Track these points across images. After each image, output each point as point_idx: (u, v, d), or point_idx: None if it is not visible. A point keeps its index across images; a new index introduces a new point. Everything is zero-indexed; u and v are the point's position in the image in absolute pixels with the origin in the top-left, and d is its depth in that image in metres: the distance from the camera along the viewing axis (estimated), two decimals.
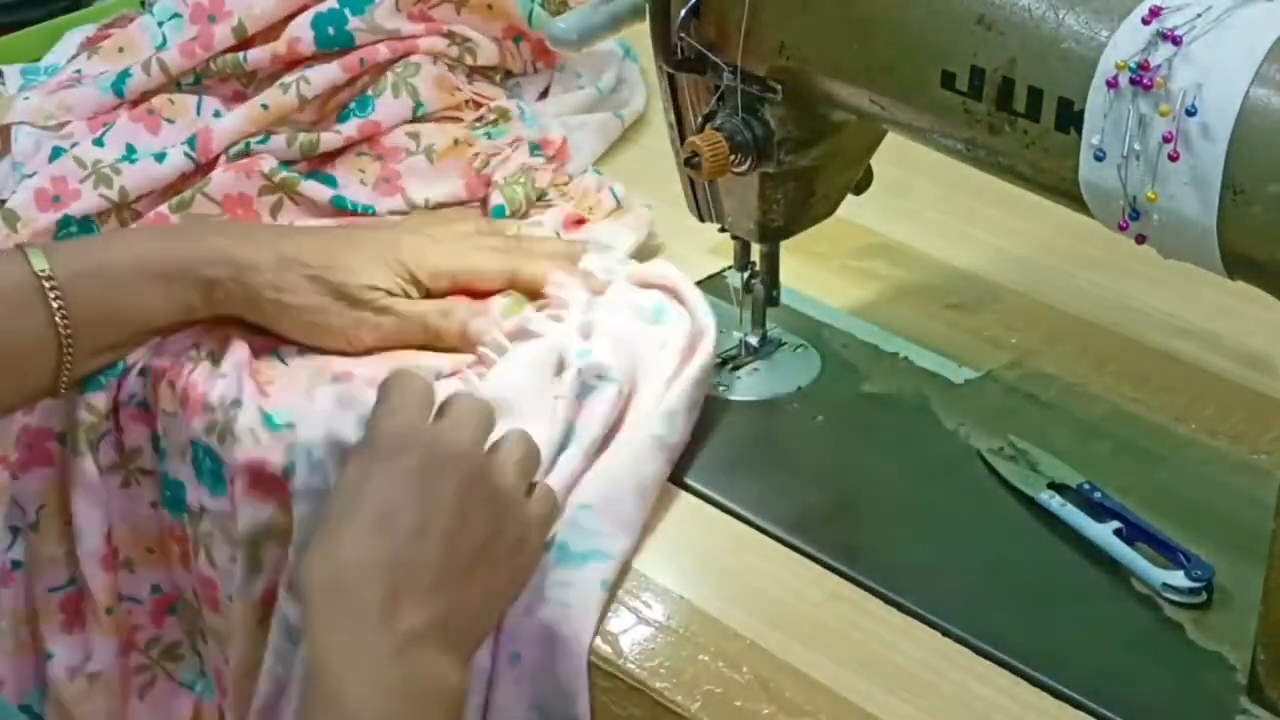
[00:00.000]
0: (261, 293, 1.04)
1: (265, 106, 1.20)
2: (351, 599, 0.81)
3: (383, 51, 1.22)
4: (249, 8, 1.23)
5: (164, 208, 1.16)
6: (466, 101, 1.24)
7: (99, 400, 1.06)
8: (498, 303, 1.08)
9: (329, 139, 1.20)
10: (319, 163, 1.21)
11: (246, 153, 1.18)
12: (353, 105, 1.22)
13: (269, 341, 1.07)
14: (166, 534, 1.10)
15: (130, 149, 1.18)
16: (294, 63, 1.22)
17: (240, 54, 1.22)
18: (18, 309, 1.01)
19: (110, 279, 1.03)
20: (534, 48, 1.29)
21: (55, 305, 1.01)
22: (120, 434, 1.08)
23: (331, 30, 1.22)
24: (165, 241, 1.06)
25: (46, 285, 1.01)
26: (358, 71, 1.22)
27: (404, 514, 0.83)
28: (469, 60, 1.25)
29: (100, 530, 1.09)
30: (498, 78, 1.28)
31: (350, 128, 1.20)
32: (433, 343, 1.06)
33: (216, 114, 1.21)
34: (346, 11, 1.22)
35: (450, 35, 1.25)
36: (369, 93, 1.22)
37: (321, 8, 1.22)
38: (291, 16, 1.23)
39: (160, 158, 1.17)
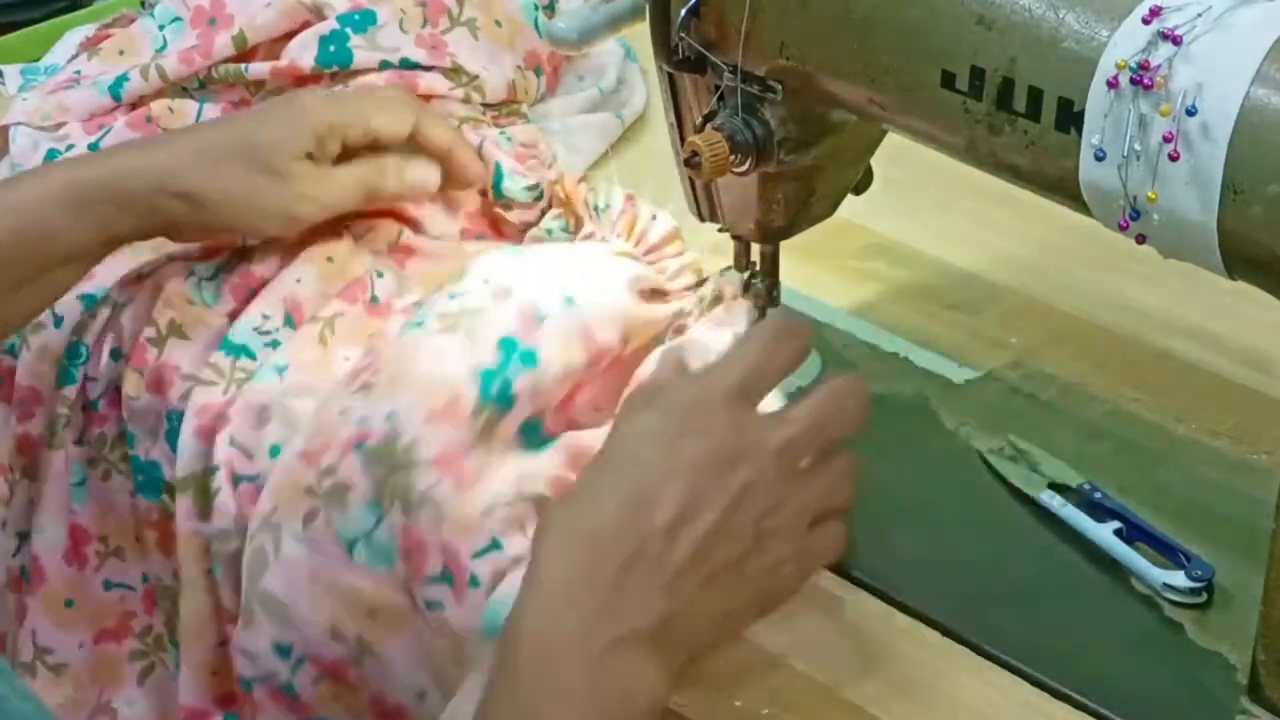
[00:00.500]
0: (189, 194, 1.00)
1: None
2: (575, 585, 0.72)
3: (378, 84, 1.21)
4: (251, 18, 1.23)
5: None
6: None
7: (70, 392, 1.06)
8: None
9: None
10: None
11: None
12: None
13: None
14: (144, 521, 1.09)
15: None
16: (296, 79, 1.22)
17: (243, 65, 1.22)
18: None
19: (16, 208, 1.00)
20: (549, 79, 1.29)
21: None
22: (94, 426, 1.08)
23: (333, 48, 1.22)
24: (75, 168, 1.03)
25: None
26: None
27: (668, 503, 0.73)
28: (476, 98, 1.24)
29: (62, 524, 1.09)
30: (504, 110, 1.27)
31: None
32: (372, 204, 1.05)
33: None
34: (348, 30, 1.22)
35: (455, 71, 1.23)
36: None
37: (324, 28, 1.22)
38: (294, 32, 1.23)
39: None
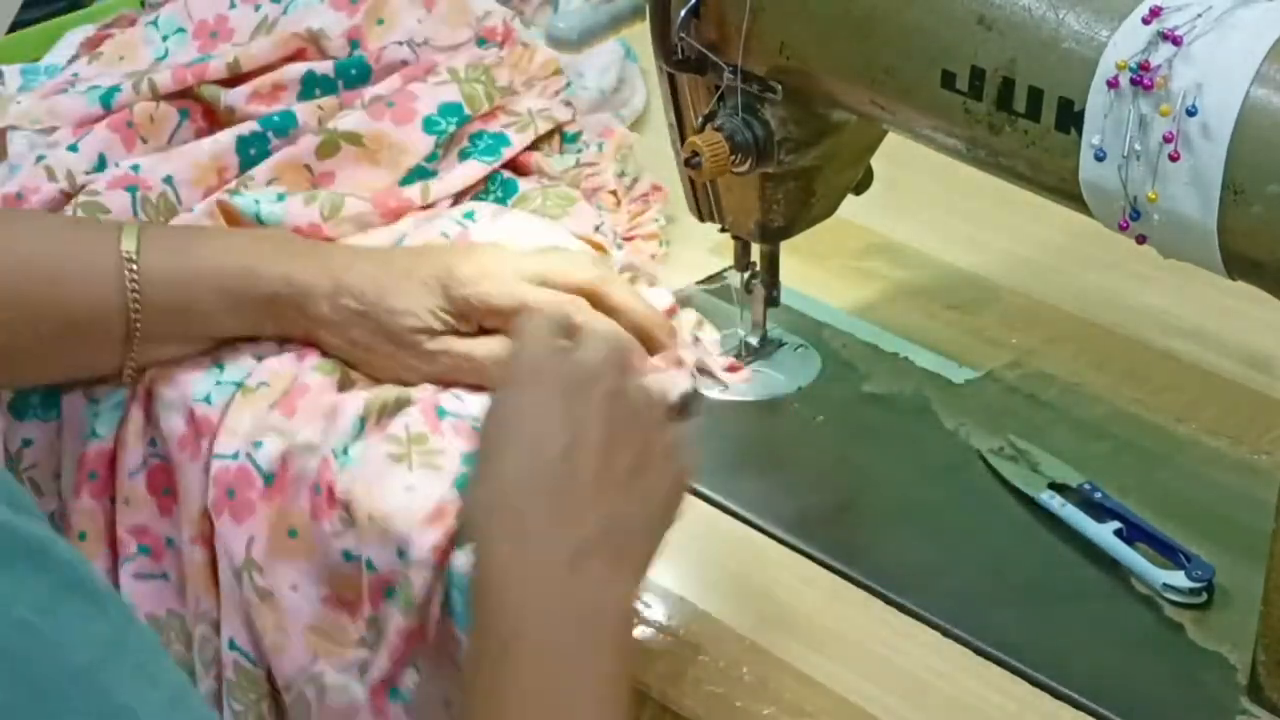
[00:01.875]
0: (315, 324, 1.05)
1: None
2: (515, 521, 0.82)
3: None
4: (247, 44, 1.23)
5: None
6: None
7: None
8: None
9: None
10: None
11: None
12: None
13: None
14: None
15: (101, 160, 1.18)
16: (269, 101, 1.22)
17: (220, 89, 1.22)
18: (96, 280, 1.03)
19: (186, 279, 1.04)
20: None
21: (131, 288, 1.02)
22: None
23: (318, 91, 1.21)
24: (244, 258, 1.05)
25: (128, 267, 1.02)
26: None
27: (553, 437, 0.83)
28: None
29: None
30: None
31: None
32: (488, 384, 1.03)
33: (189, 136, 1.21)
34: (340, 82, 1.22)
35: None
36: None
37: (317, 67, 1.22)
38: (289, 58, 1.23)
39: (136, 169, 1.16)
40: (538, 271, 1.04)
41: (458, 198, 1.17)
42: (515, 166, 1.20)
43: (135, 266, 1.03)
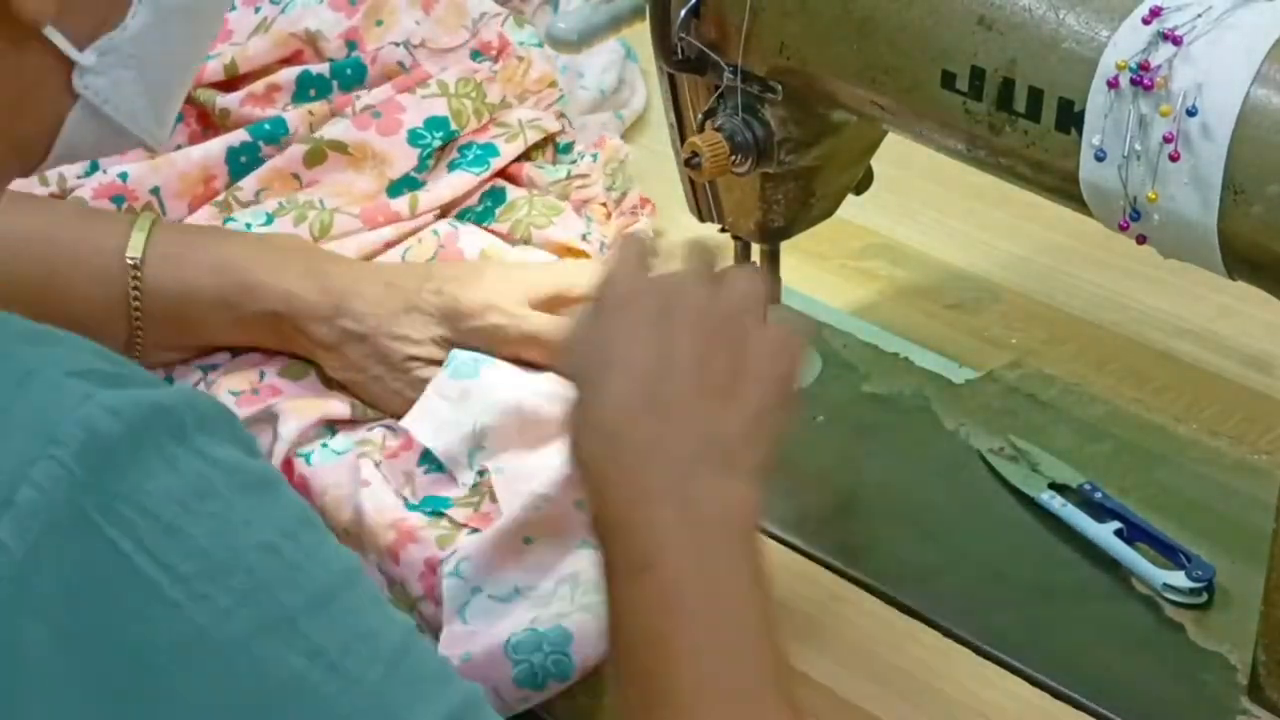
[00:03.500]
0: (314, 344, 1.05)
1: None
2: (620, 445, 0.81)
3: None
4: (243, 47, 1.23)
5: None
6: None
7: None
8: None
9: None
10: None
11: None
12: None
13: None
14: None
15: (93, 164, 1.17)
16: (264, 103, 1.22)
17: (215, 93, 1.22)
18: (98, 278, 1.03)
19: (188, 290, 1.04)
20: None
21: (133, 293, 1.03)
22: None
23: (313, 92, 1.22)
24: (246, 271, 1.05)
25: (131, 274, 1.03)
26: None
27: (644, 357, 0.82)
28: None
29: None
30: None
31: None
32: None
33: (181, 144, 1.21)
34: (335, 83, 1.22)
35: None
36: None
37: (314, 68, 1.22)
38: (287, 59, 1.23)
39: (124, 177, 1.16)
40: (550, 289, 1.04)
41: (446, 209, 1.17)
42: (506, 176, 1.20)
43: (138, 273, 1.03)
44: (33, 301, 1.02)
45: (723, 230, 1.08)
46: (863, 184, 1.07)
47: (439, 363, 1.03)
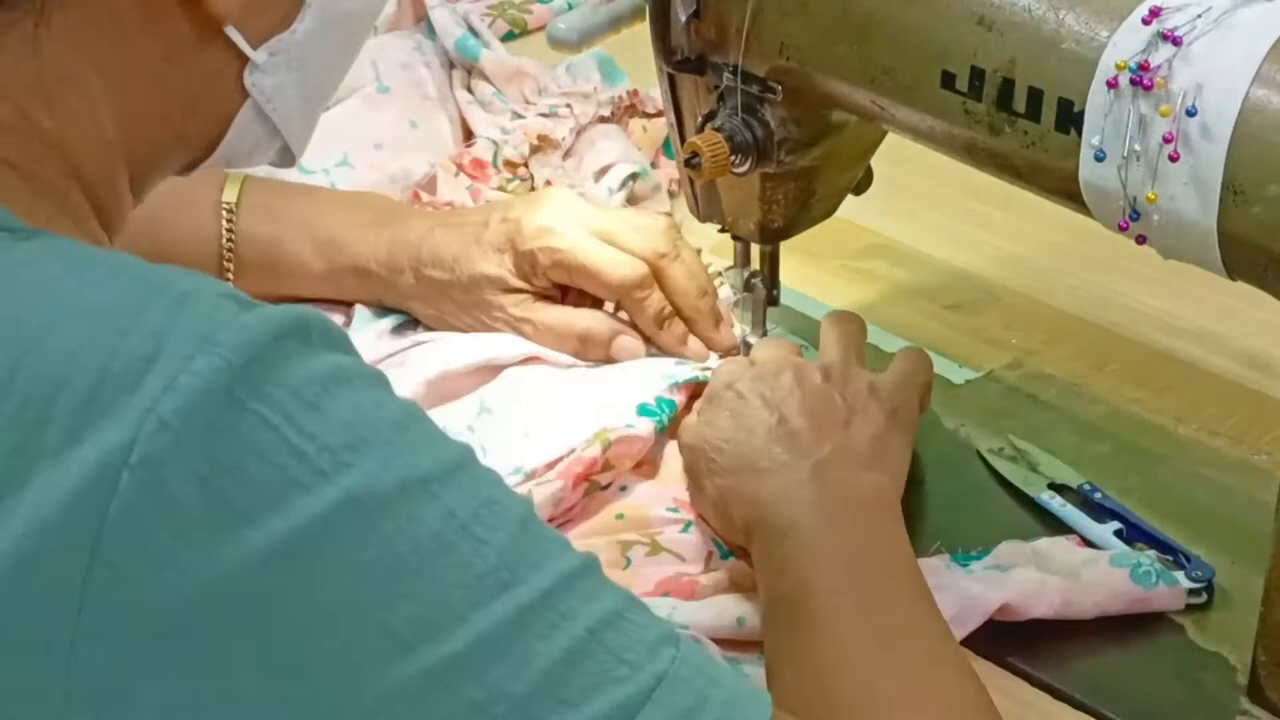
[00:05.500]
0: (404, 297, 1.09)
1: None
2: (761, 469, 0.91)
3: None
4: None
5: None
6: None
7: None
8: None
9: None
10: None
11: None
12: None
13: None
14: None
15: None
16: None
17: None
18: (193, 225, 1.07)
19: (279, 240, 1.08)
20: None
21: (226, 240, 1.06)
22: None
23: None
24: (333, 228, 1.09)
25: (225, 218, 1.06)
26: None
27: (763, 416, 0.94)
28: None
29: None
30: None
31: None
32: (575, 352, 1.07)
33: None
34: None
35: None
36: None
37: None
38: None
39: None
40: (605, 229, 1.07)
41: None
42: None
43: (233, 218, 1.06)
44: (127, 246, 1.03)
45: (723, 230, 1.08)
46: (863, 184, 1.07)
47: (524, 295, 1.06)
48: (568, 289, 1.08)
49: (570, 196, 1.11)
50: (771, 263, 1.08)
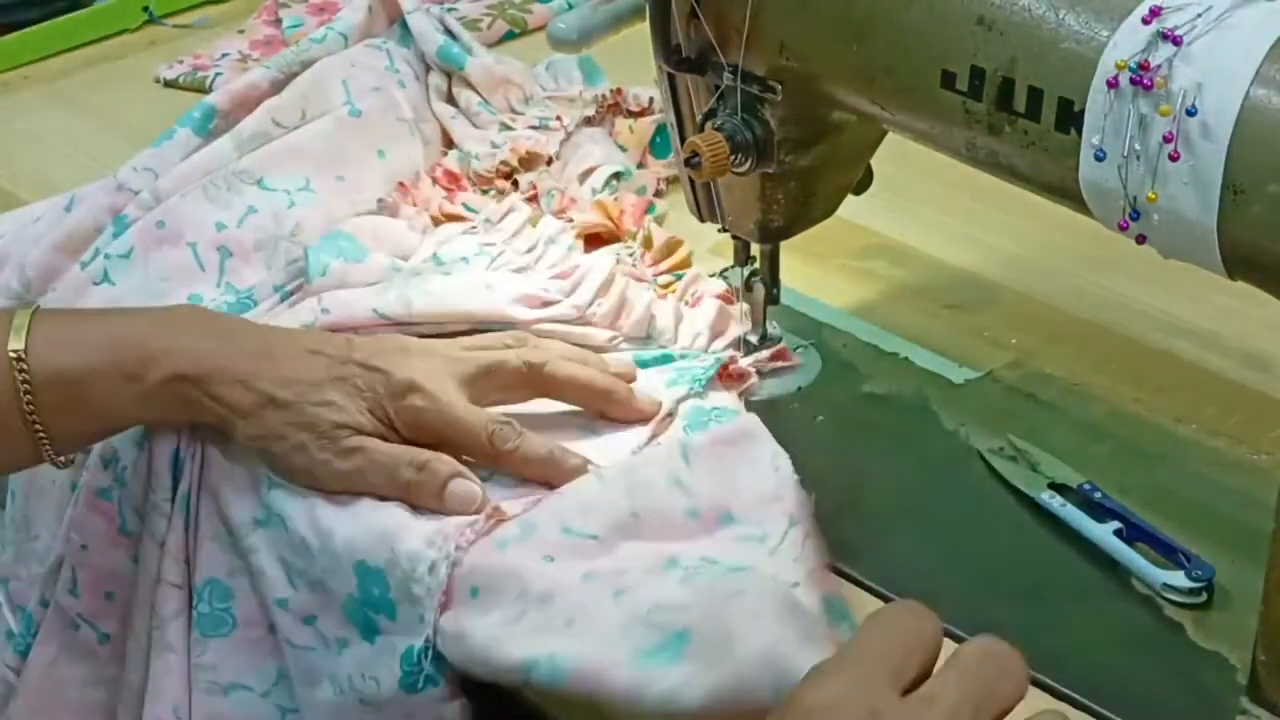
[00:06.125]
0: (225, 412, 0.98)
1: None
2: None
3: None
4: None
5: None
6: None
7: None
8: None
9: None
10: None
11: None
12: None
13: None
14: None
15: None
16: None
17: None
18: None
19: (81, 373, 0.97)
20: None
21: (23, 388, 0.96)
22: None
23: None
24: (143, 340, 0.99)
25: (17, 368, 0.96)
26: None
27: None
28: None
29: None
30: None
31: None
32: (401, 496, 0.96)
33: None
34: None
35: None
36: None
37: None
38: None
39: None
40: (477, 367, 1.00)
41: None
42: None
43: (26, 366, 0.96)
44: None
45: (723, 230, 1.08)
46: (863, 184, 1.07)
47: (369, 434, 0.97)
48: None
49: (433, 347, 1.02)
50: (771, 262, 1.08)
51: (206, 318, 1.03)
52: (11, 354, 0.96)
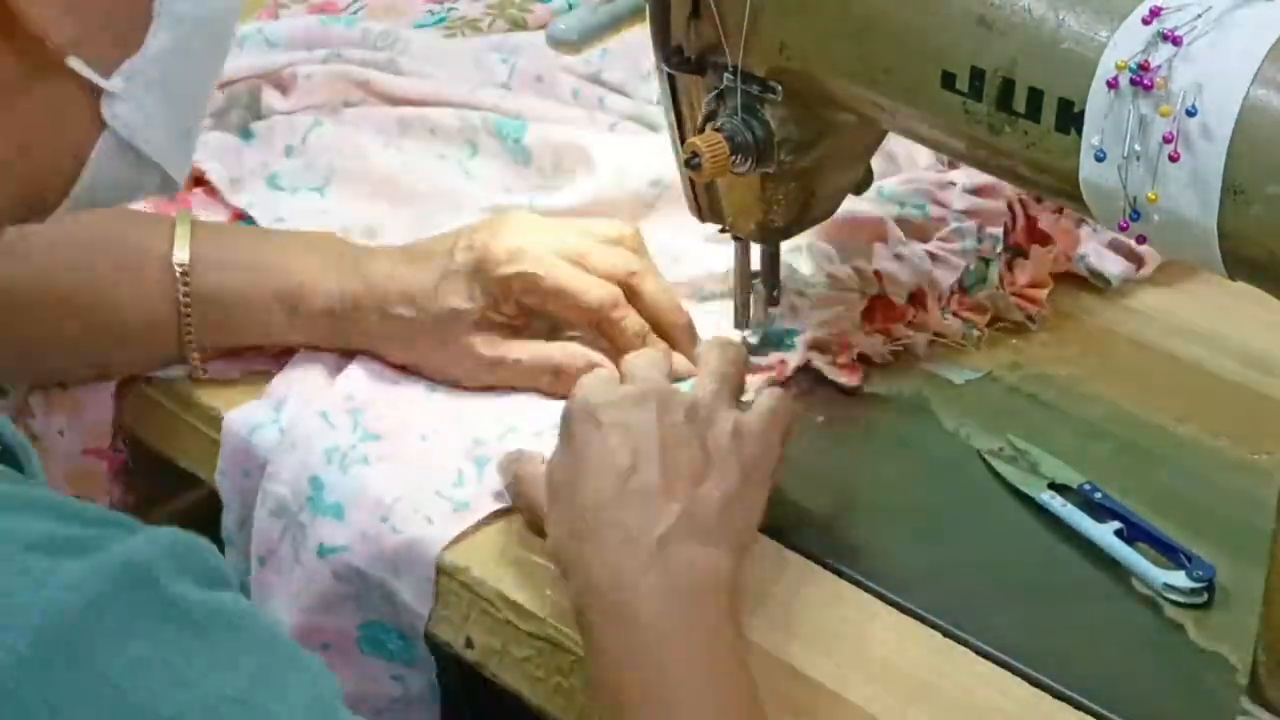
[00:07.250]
0: (370, 340, 1.06)
1: None
2: (601, 536, 0.87)
3: None
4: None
5: None
6: None
7: None
8: None
9: None
10: None
11: None
12: None
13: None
14: None
15: None
16: None
17: None
18: (147, 285, 1.03)
19: (240, 291, 1.04)
20: None
21: (183, 299, 1.03)
22: None
23: None
24: (297, 274, 1.05)
25: (181, 280, 1.03)
26: None
27: (614, 461, 0.89)
28: None
29: None
30: None
31: None
32: (548, 387, 1.05)
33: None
34: None
35: None
36: None
37: None
38: None
39: None
40: (575, 250, 1.05)
41: None
42: None
43: (188, 280, 1.02)
44: (82, 312, 1.03)
45: (723, 230, 1.08)
46: (863, 184, 1.07)
47: (494, 324, 1.04)
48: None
49: (532, 218, 1.08)
50: (771, 263, 1.08)
51: (345, 249, 1.08)
52: (178, 266, 1.03)
